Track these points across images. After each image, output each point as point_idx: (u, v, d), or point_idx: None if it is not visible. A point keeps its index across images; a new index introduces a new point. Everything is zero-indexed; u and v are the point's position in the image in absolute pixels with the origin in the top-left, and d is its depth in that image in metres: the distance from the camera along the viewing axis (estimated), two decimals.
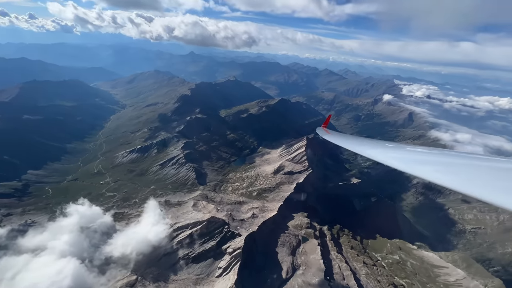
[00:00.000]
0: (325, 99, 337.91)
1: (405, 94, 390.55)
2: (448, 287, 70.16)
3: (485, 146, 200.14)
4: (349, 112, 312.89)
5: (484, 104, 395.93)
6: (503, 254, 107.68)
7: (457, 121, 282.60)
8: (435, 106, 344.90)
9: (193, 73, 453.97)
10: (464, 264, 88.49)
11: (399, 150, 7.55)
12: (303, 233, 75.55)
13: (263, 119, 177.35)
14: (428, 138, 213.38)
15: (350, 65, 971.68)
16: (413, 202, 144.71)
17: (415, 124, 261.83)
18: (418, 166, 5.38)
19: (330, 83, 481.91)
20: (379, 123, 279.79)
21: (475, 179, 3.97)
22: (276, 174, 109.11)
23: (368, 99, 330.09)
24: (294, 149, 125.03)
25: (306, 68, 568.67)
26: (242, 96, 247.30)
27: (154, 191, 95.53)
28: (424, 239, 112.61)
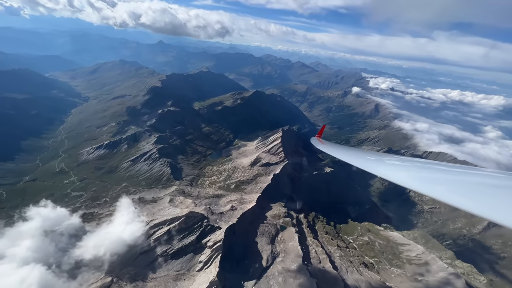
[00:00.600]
0: (298, 91, 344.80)
1: (371, 86, 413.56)
2: (410, 261, 77.86)
3: (439, 134, 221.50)
4: (321, 104, 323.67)
5: (438, 96, 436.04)
6: (454, 229, 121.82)
7: (417, 112, 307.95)
8: (398, 98, 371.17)
9: (163, 63, 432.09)
10: (422, 240, 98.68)
11: (395, 164, 7.78)
12: (281, 222, 77.95)
13: (238, 112, 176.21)
14: (392, 128, 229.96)
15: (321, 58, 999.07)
16: (379, 187, 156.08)
17: (381, 115, 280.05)
18: (427, 185, 5.25)
19: (302, 75, 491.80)
20: (348, 114, 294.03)
21: (487, 200, 4.03)
22: (253, 166, 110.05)
23: (338, 91, 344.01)
24: (270, 141, 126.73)
25: (280, 60, 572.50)
26: (216, 88, 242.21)
27: (126, 188, 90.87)
28: (389, 220, 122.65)
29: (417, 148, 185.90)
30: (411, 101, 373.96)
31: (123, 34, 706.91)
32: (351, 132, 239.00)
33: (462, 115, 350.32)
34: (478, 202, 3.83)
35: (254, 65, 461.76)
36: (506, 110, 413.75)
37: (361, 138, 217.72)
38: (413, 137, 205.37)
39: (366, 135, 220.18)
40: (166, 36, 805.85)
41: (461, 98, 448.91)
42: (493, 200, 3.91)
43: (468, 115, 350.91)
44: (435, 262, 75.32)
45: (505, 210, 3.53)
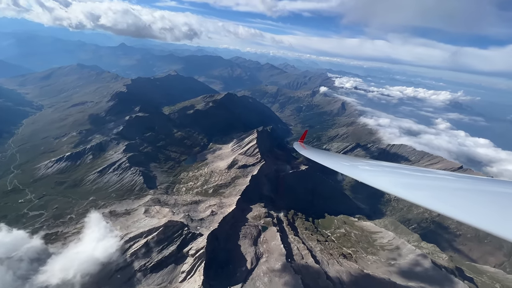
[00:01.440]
0: (269, 92, 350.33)
1: (337, 86, 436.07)
2: (383, 247, 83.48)
3: (399, 127, 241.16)
4: (291, 104, 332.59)
5: (396, 93, 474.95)
6: (417, 214, 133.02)
7: (378, 108, 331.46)
8: (361, 95, 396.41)
9: (127, 67, 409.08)
10: (392, 227, 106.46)
11: (381, 171, 7.79)
12: (262, 223, 78.37)
13: (211, 115, 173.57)
14: (358, 124, 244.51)
15: (289, 60, 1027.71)
16: (351, 181, 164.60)
17: (347, 112, 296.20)
18: (408, 191, 5.53)
19: (272, 76, 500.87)
20: (318, 113, 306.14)
21: (464, 204, 4.28)
22: (230, 169, 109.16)
23: (307, 91, 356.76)
24: (245, 143, 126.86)
25: (249, 62, 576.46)
26: (186, 92, 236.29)
27: (95, 202, 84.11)
28: (362, 211, 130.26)
29: (381, 142, 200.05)
30: (373, 98, 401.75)
31: (79, 36, 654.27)
32: (321, 130, 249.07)
33: (417, 109, 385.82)
34: (456, 207, 4.20)
35: (224, 67, 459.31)
36: (452, 104, 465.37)
37: (331, 135, 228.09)
38: (377, 132, 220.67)
39: (336, 132, 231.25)
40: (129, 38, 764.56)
41: (415, 94, 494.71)
42: (471, 205, 4.24)
43: (421, 110, 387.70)
44: (404, 245, 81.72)
45: (478, 213, 3.79)
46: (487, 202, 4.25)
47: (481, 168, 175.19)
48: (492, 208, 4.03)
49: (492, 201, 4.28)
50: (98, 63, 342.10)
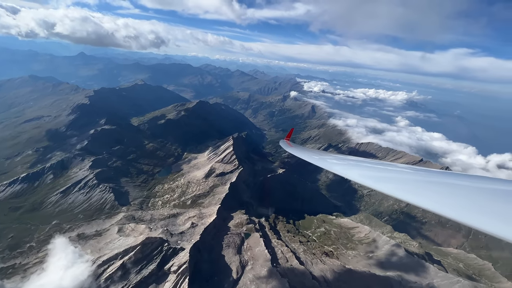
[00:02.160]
0: (241, 99, 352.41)
1: (306, 90, 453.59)
2: (361, 241, 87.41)
3: (365, 127, 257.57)
4: (264, 109, 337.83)
5: (360, 95, 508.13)
6: (387, 206, 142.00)
7: (345, 109, 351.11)
8: (329, 98, 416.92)
9: (88, 77, 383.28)
10: (367, 221, 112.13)
11: (362, 166, 8.05)
12: (244, 230, 77.53)
13: (183, 124, 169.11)
14: (328, 125, 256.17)
15: (259, 66, 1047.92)
16: (325, 180, 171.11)
17: (317, 115, 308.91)
18: (383, 184, 5.90)
19: (243, 83, 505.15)
20: (290, 117, 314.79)
21: (439, 196, 4.61)
22: (207, 178, 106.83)
23: (278, 96, 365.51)
24: (221, 150, 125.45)
25: (219, 69, 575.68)
26: (155, 101, 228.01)
27: (59, 226, 76.28)
28: (338, 209, 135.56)
29: (351, 141, 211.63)
30: (339, 100, 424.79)
31: (30, 46, 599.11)
32: (294, 133, 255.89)
33: (379, 109, 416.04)
34: (421, 197, 4.68)
35: (194, 75, 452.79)
36: (408, 103, 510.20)
37: (304, 137, 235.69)
38: (346, 132, 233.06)
39: (308, 134, 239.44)
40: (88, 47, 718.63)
41: (376, 95, 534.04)
42: (433, 194, 4.72)
43: (383, 109, 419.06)
44: (380, 237, 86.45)
45: (445, 203, 4.16)
46: (443, 191, 4.78)
47: (437, 159, 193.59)
48: (444, 195, 4.59)
49: (447, 190, 4.86)
50: (54, 74, 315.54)
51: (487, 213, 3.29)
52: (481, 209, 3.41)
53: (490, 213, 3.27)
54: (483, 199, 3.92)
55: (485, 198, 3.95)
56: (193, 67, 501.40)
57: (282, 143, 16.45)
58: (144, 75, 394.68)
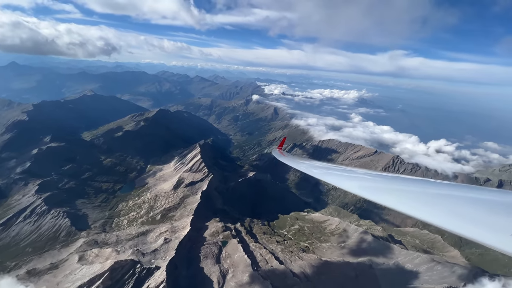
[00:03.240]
0: (203, 105, 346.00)
1: (267, 93, 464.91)
2: (333, 233, 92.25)
3: (325, 125, 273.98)
4: (227, 114, 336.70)
5: (317, 95, 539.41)
6: (351, 197, 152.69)
7: (305, 110, 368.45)
8: (289, 100, 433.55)
9: (23, 90, 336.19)
10: (336, 213, 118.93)
11: (361, 177, 7.71)
12: (221, 238, 75.82)
13: (144, 134, 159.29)
14: (292, 126, 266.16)
15: (218, 71, 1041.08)
16: (294, 179, 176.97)
17: (280, 117, 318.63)
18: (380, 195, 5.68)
19: (204, 89, 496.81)
20: (254, 120, 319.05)
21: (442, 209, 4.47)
22: (176, 189, 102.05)
23: (241, 100, 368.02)
24: (189, 159, 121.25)
25: (177, 76, 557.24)
26: (109, 113, 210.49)
27: (2, 265, 65.02)
28: (309, 205, 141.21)
29: (313, 139, 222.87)
30: (299, 101, 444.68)
31: None
32: (260, 136, 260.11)
33: (335, 108, 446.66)
34: (419, 209, 4.59)
35: (151, 83, 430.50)
36: (359, 100, 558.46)
37: (270, 139, 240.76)
38: (308, 131, 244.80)
39: (273, 136, 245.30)
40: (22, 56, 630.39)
41: (331, 95, 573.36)
42: (434, 207, 4.68)
43: (339, 107, 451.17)
44: (349, 227, 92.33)
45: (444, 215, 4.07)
46: (440, 203, 4.89)
47: (388, 149, 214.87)
48: (437, 206, 4.72)
49: (441, 201, 5.06)
50: None
51: (488, 226, 3.42)
52: (483, 222, 3.52)
53: (491, 226, 3.40)
54: (483, 211, 3.97)
55: (485, 210, 3.99)
56: (149, 74, 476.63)
57: (275, 153, 16.31)
58: (94, 85, 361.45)
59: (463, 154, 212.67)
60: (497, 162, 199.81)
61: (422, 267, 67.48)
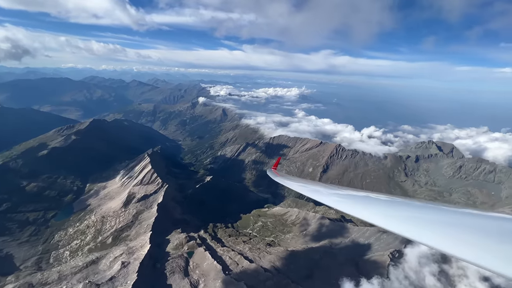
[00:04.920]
0: (145, 111, 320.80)
1: (213, 95, 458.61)
2: (294, 223, 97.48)
3: (273, 122, 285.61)
4: (174, 119, 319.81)
5: (262, 94, 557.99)
6: None
7: (253, 109, 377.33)
8: (236, 100, 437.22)
9: None
10: (294, 204, 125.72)
11: (366, 200, 7.09)
12: (186, 249, 71.93)
13: (77, 150, 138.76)
14: (242, 126, 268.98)
15: (157, 74, 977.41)
16: (251, 177, 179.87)
17: (229, 118, 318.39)
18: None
19: (143, 94, 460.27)
20: (203, 123, 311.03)
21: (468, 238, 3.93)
22: (127, 206, 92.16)
23: (187, 104, 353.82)
24: (137, 171, 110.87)
25: (110, 81, 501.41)
26: (25, 128, 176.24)
27: None
28: (268, 200, 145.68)
29: (264, 137, 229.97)
30: (246, 101, 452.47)
31: None
32: (211, 138, 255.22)
33: (280, 105, 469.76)
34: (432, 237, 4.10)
35: (77, 90, 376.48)
36: (301, 96, 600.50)
37: (222, 141, 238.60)
38: (259, 129, 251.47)
39: (225, 137, 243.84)
40: None
41: (275, 93, 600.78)
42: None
43: (283, 105, 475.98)
44: (308, 215, 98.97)
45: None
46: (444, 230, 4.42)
47: (331, 139, 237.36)
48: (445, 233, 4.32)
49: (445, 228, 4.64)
50: None
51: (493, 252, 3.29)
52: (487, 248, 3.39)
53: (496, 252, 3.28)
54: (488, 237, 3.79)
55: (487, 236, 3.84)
56: (74, 81, 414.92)
57: (270, 173, 15.97)
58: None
59: (388, 137, 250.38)
60: (412, 141, 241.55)
61: (371, 238, 77.19)
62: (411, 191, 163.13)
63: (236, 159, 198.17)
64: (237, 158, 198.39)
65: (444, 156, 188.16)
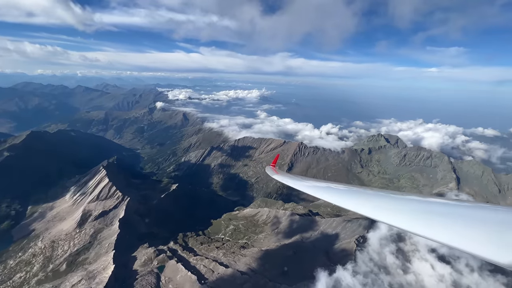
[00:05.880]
0: (96, 119, 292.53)
1: (172, 99, 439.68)
2: (266, 223, 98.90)
3: (237, 124, 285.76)
4: (129, 126, 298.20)
5: (223, 97, 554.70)
6: (272, 186, 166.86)
7: (215, 112, 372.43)
8: (197, 104, 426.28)
9: None
10: (263, 203, 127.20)
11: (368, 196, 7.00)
12: (156, 264, 67.50)
13: (12, 168, 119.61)
14: (205, 130, 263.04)
15: (107, 79, 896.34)
16: (218, 181, 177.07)
17: (191, 122, 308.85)
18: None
19: (92, 100, 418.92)
20: (162, 129, 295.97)
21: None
22: (83, 225, 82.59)
23: (143, 110, 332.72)
24: (92, 186, 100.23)
25: (50, 87, 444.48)
26: None
27: None
28: (237, 203, 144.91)
29: (229, 139, 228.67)
30: (207, 104, 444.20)
31: None
32: (173, 145, 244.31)
33: (242, 107, 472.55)
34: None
35: (7, 99, 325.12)
36: (261, 98, 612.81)
37: (185, 146, 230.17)
38: (222, 132, 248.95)
39: (188, 143, 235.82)
40: None
41: (236, 95, 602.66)
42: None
43: (245, 107, 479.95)
44: (278, 213, 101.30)
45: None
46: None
47: (293, 138, 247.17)
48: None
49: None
50: None
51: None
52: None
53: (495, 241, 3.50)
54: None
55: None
56: (2, 88, 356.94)
57: (268, 170, 15.61)
58: None
59: (344, 133, 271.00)
60: (364, 135, 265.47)
61: (338, 228, 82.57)
62: (367, 180, 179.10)
63: (202, 164, 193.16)
64: (203, 163, 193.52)
65: (391, 147, 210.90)
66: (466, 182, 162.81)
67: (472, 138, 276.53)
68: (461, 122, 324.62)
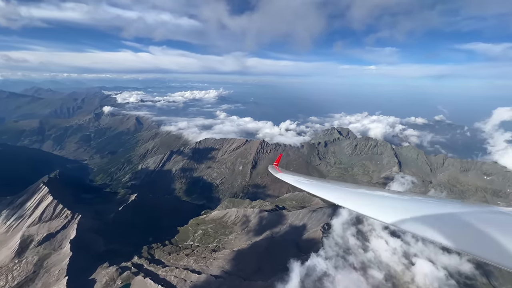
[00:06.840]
0: (27, 129, 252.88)
1: (121, 102, 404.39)
2: (235, 223, 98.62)
3: (196, 126, 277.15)
4: (72, 135, 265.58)
5: (179, 98, 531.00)
6: (238, 185, 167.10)
7: (171, 114, 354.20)
8: (151, 107, 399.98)
9: None
10: (231, 204, 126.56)
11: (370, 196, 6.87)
12: (120, 284, 61.83)
13: None
14: (162, 134, 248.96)
15: (39, 82, 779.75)
16: (181, 186, 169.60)
17: (145, 126, 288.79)
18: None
19: (20, 108, 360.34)
20: (113, 135, 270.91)
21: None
22: (23, 253, 70.68)
23: (88, 116, 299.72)
24: (31, 207, 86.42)
25: None
26: None
27: None
28: (203, 206, 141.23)
29: (189, 142, 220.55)
30: (162, 107, 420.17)
31: None
32: (127, 152, 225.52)
33: (200, 108, 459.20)
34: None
35: None
36: (220, 98, 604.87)
37: (141, 153, 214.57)
38: (182, 135, 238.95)
39: (145, 148, 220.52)
40: None
41: (193, 96, 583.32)
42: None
43: (203, 107, 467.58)
44: (246, 212, 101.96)
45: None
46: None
47: (254, 136, 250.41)
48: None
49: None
50: None
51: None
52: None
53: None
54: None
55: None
56: None
57: (271, 169, 14.94)
58: None
59: (302, 128, 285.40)
60: (320, 130, 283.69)
61: (305, 219, 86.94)
62: (325, 171, 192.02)
63: (162, 170, 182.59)
64: (163, 169, 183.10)
65: (344, 139, 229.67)
66: (406, 165, 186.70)
67: (407, 126, 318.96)
68: (398, 113, 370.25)
